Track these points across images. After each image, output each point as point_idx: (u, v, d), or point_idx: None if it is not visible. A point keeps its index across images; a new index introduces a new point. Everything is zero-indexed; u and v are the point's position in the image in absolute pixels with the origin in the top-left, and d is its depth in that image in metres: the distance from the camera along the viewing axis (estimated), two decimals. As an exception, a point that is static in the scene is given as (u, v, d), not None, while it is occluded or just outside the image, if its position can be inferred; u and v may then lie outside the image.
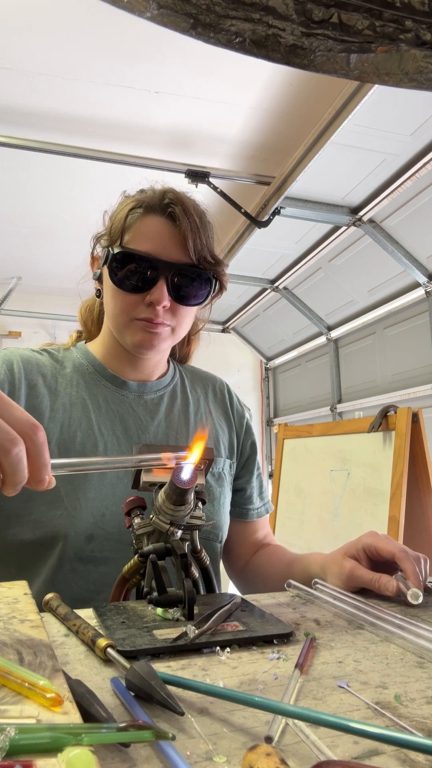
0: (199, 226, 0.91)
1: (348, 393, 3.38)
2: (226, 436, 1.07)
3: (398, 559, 0.74)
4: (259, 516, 1.10)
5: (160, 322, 0.90)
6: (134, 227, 0.90)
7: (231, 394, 1.13)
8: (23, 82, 1.82)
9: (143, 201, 0.92)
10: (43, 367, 0.97)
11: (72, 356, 1.01)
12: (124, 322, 0.92)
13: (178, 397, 1.04)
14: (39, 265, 3.34)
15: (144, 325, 0.91)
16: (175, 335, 0.95)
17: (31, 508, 0.87)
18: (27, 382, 0.93)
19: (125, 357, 0.99)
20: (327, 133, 1.87)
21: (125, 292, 0.90)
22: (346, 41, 0.54)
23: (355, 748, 0.38)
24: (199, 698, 0.45)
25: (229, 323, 4.30)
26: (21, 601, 0.63)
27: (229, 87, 1.83)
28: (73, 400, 0.94)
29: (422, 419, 2.12)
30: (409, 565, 0.72)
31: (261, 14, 0.53)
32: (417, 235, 2.46)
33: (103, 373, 0.99)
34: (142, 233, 0.90)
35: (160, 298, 0.88)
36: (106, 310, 0.97)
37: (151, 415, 0.99)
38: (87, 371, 0.99)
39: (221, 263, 0.95)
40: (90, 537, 0.87)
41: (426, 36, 0.53)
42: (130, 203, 0.92)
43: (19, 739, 0.32)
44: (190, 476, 0.65)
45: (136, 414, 0.97)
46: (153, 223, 0.90)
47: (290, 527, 2.82)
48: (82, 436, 0.91)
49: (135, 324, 0.91)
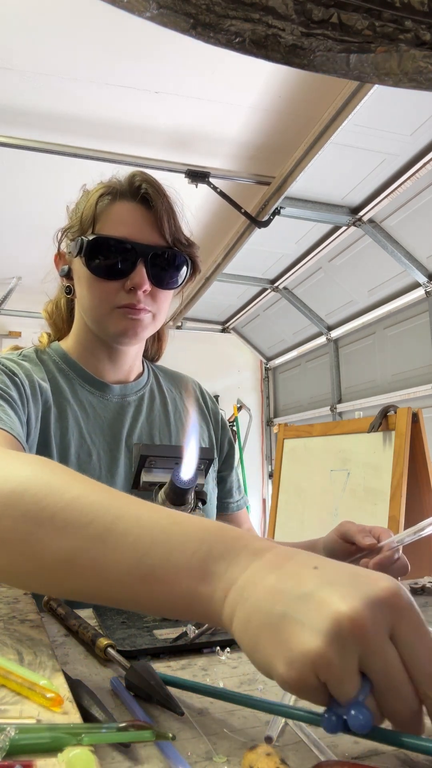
0: (172, 207, 0.90)
1: (348, 393, 3.38)
2: (206, 434, 1.07)
3: (357, 533, 0.82)
4: (239, 509, 1.11)
5: (142, 307, 0.88)
6: (105, 214, 0.89)
7: (203, 391, 1.13)
8: (23, 82, 1.82)
9: (111, 187, 0.90)
10: (30, 376, 0.92)
11: (50, 359, 0.97)
12: (104, 312, 0.89)
13: (156, 396, 1.03)
14: (39, 265, 3.33)
15: (126, 312, 0.88)
16: (156, 322, 0.93)
17: None
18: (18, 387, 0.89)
19: (103, 353, 0.96)
20: (327, 133, 1.87)
21: (103, 280, 0.88)
22: (345, 41, 0.54)
23: (355, 747, 0.38)
24: (199, 698, 0.45)
25: (229, 323, 4.30)
26: (21, 601, 0.63)
27: (229, 87, 1.83)
28: (62, 408, 0.91)
29: (422, 419, 2.13)
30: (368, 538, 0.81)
31: (261, 14, 0.53)
32: (417, 235, 2.46)
33: (83, 376, 0.96)
34: (115, 219, 0.88)
35: (141, 282, 0.86)
36: (80, 304, 0.94)
37: (135, 417, 0.97)
38: (68, 375, 0.96)
39: (194, 245, 0.94)
40: None
41: (425, 36, 0.53)
42: (98, 191, 0.90)
43: (19, 739, 0.32)
44: (190, 476, 0.65)
45: (120, 417, 0.96)
46: (125, 208, 0.89)
47: (290, 527, 2.82)
48: (76, 446, 0.90)
49: (116, 312, 0.89)
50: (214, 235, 2.80)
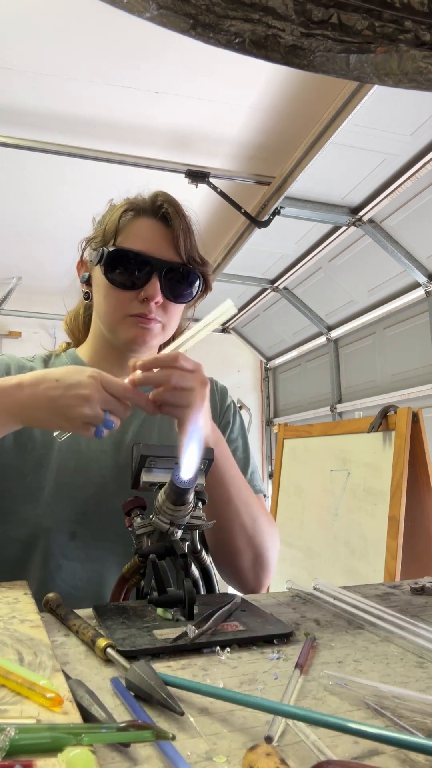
0: (189, 227, 0.96)
1: (348, 393, 3.38)
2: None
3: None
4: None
5: (153, 317, 0.94)
6: (127, 229, 0.95)
7: (217, 386, 1.15)
8: (23, 82, 1.82)
9: (135, 204, 0.97)
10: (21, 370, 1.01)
11: (62, 363, 1.04)
12: (117, 319, 0.95)
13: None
14: (39, 265, 3.34)
15: (137, 321, 0.94)
16: (165, 332, 0.99)
17: (16, 506, 0.90)
18: None
19: (114, 358, 1.01)
20: (327, 133, 1.87)
21: (119, 289, 0.93)
22: (345, 42, 0.54)
23: (355, 748, 0.38)
24: (199, 698, 0.45)
25: (229, 323, 4.30)
26: (21, 601, 0.63)
27: (229, 87, 1.83)
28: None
29: (422, 419, 2.12)
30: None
31: (260, 14, 0.53)
32: (417, 235, 2.46)
33: None
34: (135, 233, 0.94)
35: (153, 294, 0.92)
36: (97, 310, 1.00)
37: (139, 420, 1.01)
38: None
39: (207, 264, 1.00)
40: (72, 534, 0.90)
41: (425, 36, 0.53)
42: (122, 207, 0.97)
43: (19, 739, 0.32)
44: (190, 476, 0.65)
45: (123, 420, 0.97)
46: (145, 225, 0.95)
47: (290, 527, 2.82)
48: (73, 446, 0.94)
49: (128, 320, 0.94)
50: (214, 235, 2.79)
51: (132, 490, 0.76)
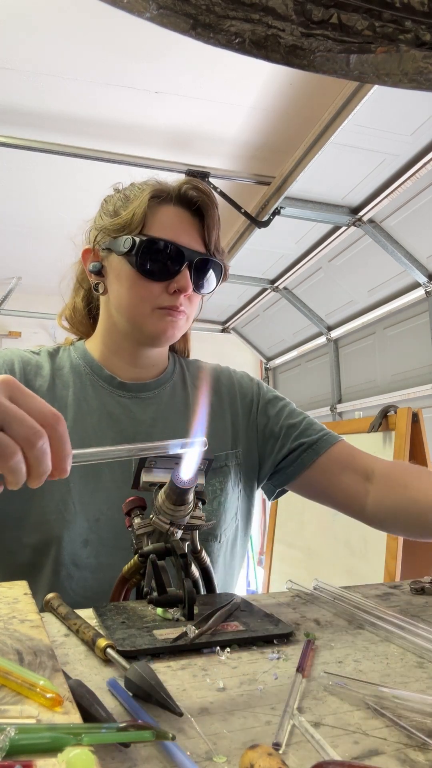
0: (219, 218, 0.93)
1: (348, 393, 3.38)
2: (229, 426, 1.03)
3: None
4: (329, 443, 1.02)
5: (183, 310, 0.91)
6: (153, 216, 0.90)
7: (234, 378, 1.12)
8: (23, 82, 1.82)
9: (161, 191, 0.91)
10: (41, 368, 0.97)
11: (69, 356, 1.00)
12: (144, 312, 0.90)
13: (177, 392, 1.02)
14: (39, 265, 3.34)
15: (167, 313, 0.90)
16: (188, 323, 0.96)
17: (29, 511, 0.87)
18: (26, 383, 0.93)
19: (127, 353, 0.97)
20: (327, 133, 1.87)
21: (148, 281, 0.89)
22: (345, 42, 0.54)
23: (355, 748, 0.38)
24: (199, 698, 0.45)
25: (229, 323, 4.30)
26: (21, 601, 0.63)
27: (229, 87, 1.83)
28: (68, 403, 0.93)
29: (422, 419, 2.13)
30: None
31: (260, 15, 0.53)
32: (417, 235, 2.46)
33: (99, 374, 0.98)
34: (164, 222, 0.89)
35: (186, 285, 0.88)
36: (117, 302, 0.93)
37: (148, 414, 0.97)
38: (84, 372, 0.98)
39: (224, 253, 0.97)
40: (85, 542, 0.87)
41: (425, 36, 0.53)
42: (147, 192, 0.90)
43: (19, 739, 0.32)
44: (190, 476, 0.65)
45: (132, 414, 0.96)
46: (173, 212, 0.91)
47: (290, 527, 2.82)
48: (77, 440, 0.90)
49: (156, 313, 0.90)
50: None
51: (132, 489, 0.75)
